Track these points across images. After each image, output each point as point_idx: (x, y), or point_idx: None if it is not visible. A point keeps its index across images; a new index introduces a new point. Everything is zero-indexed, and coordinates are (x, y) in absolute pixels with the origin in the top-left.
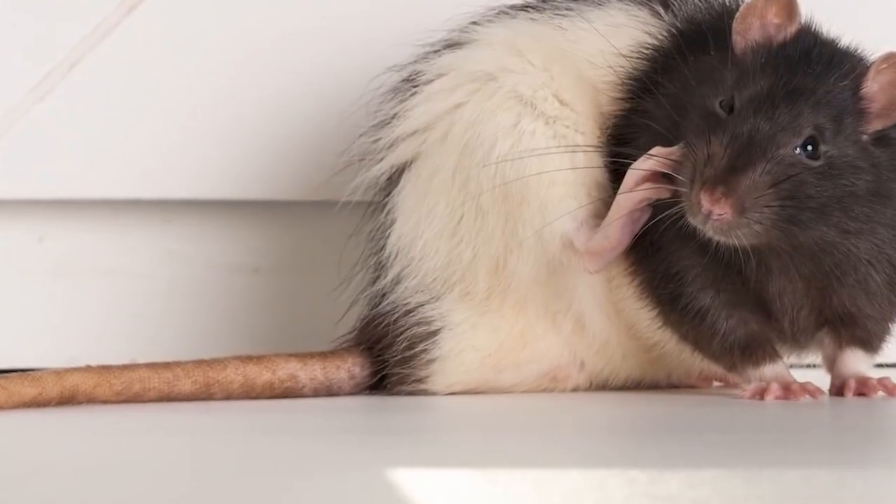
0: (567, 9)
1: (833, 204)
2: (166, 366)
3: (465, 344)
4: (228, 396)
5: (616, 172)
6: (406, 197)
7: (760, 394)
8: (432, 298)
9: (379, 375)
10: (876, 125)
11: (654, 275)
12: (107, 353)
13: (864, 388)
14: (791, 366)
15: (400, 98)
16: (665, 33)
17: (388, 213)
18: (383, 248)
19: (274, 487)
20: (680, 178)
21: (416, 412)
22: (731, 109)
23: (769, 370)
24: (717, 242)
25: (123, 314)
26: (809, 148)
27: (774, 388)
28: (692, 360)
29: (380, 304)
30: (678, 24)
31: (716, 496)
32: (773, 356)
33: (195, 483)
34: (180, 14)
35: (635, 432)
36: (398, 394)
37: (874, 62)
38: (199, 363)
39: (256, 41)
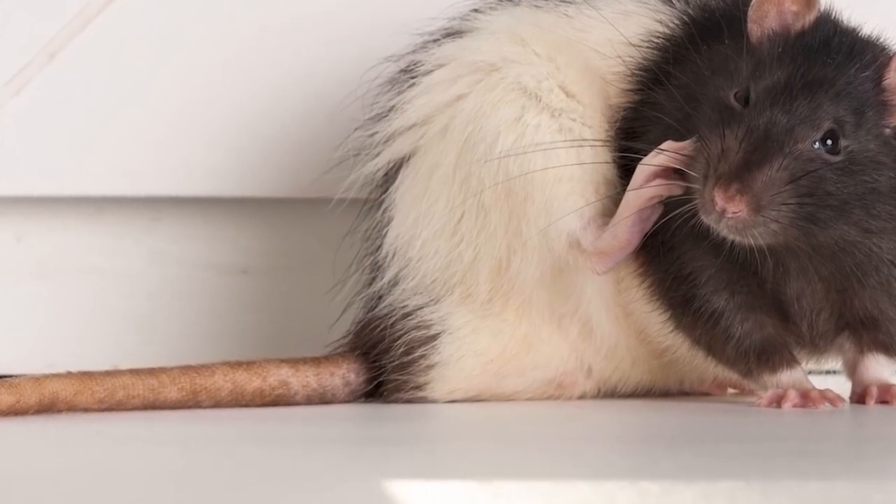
0: None
1: (854, 201)
2: (151, 372)
3: (465, 349)
4: (217, 404)
5: (625, 168)
6: (404, 194)
7: (777, 401)
8: (431, 301)
9: (375, 382)
10: None
11: (665, 276)
12: (88, 359)
13: (886, 395)
14: (810, 372)
15: (397, 90)
16: (677, 21)
17: (384, 211)
18: (380, 247)
19: (265, 500)
20: (692, 174)
21: (414, 421)
22: (746, 101)
23: (787, 376)
24: (732, 242)
25: (106, 317)
26: (829, 142)
27: (792, 396)
28: (705, 366)
29: (376, 306)
30: (690, 12)
31: None
32: (791, 362)
33: (182, 495)
34: (166, 1)
35: (646, 442)
36: (396, 401)
37: None
38: (186, 369)
39: (246, 30)
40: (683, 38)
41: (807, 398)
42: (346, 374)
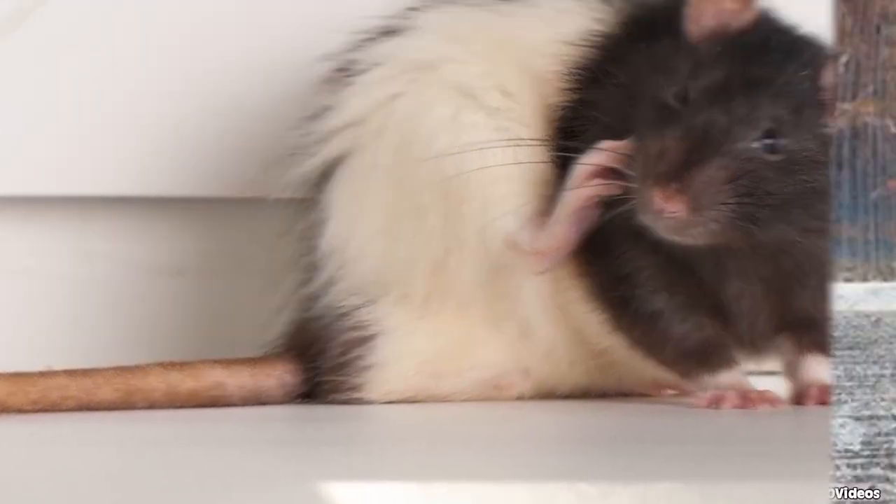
0: None
1: (793, 201)
2: (85, 373)
3: (402, 350)
4: (151, 405)
5: (563, 167)
6: (340, 194)
7: (717, 402)
8: (368, 302)
9: (311, 383)
10: None
11: (603, 276)
12: (20, 360)
13: (825, 396)
14: (749, 373)
15: (333, 89)
16: (615, 20)
17: (320, 212)
18: (316, 248)
19: (201, 502)
20: (630, 173)
21: (350, 422)
22: (684, 100)
23: (726, 377)
24: (671, 242)
25: (38, 318)
26: (768, 141)
27: (731, 397)
28: (644, 367)
29: (312, 307)
30: (629, 10)
31: None
32: (730, 362)
33: (118, 496)
34: (93, 2)
35: (584, 443)
36: (332, 402)
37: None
38: (120, 370)
39: (179, 25)
40: (622, 37)
41: (746, 399)
42: (281, 375)
